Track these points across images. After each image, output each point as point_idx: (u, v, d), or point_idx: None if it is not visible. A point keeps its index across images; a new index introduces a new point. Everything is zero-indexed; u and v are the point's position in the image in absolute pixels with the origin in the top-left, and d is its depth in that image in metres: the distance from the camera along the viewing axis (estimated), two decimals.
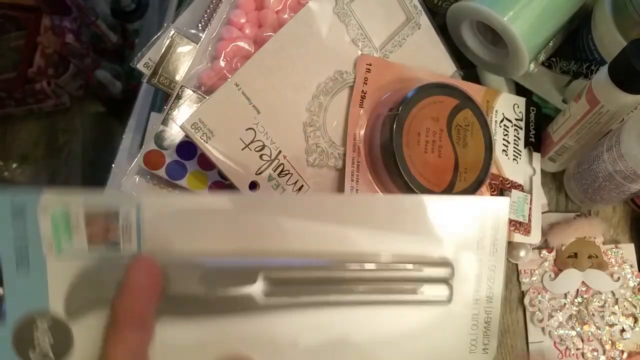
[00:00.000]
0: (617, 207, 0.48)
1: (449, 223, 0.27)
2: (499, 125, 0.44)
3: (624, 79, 0.36)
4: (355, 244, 0.27)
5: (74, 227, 0.24)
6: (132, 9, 0.51)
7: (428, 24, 0.44)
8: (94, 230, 0.24)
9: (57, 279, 0.24)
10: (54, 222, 0.24)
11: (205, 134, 0.34)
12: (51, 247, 0.24)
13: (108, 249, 0.24)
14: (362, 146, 0.40)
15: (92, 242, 0.24)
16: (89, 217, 0.24)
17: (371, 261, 0.27)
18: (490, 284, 0.28)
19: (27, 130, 0.50)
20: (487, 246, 0.28)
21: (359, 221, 0.27)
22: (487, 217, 0.27)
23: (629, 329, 0.44)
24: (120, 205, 0.24)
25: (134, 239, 0.25)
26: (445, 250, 0.27)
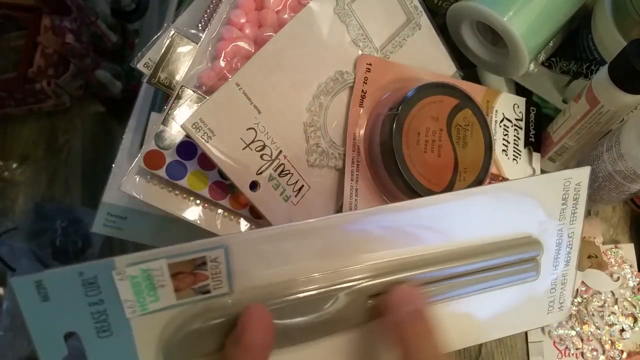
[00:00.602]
0: (616, 207, 0.48)
1: (535, 201, 0.28)
2: (499, 125, 0.44)
3: (624, 79, 0.36)
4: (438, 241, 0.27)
5: (159, 285, 0.23)
6: (132, 9, 0.51)
7: (429, 25, 0.44)
8: (181, 282, 0.23)
9: (145, 337, 0.23)
10: (135, 285, 0.22)
11: (206, 134, 0.34)
12: (134, 309, 0.23)
13: (198, 296, 0.23)
14: (362, 146, 0.40)
15: (180, 293, 0.23)
16: (174, 271, 0.23)
17: (459, 256, 0.27)
18: (568, 249, 0.30)
19: (27, 130, 0.50)
20: (567, 216, 0.29)
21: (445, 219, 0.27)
22: (569, 189, 0.28)
23: (629, 329, 0.44)
24: (207, 251, 0.23)
25: (224, 282, 0.24)
26: (532, 227, 0.28)
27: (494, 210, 0.27)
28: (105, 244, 0.47)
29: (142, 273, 0.22)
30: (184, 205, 0.38)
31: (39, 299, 0.21)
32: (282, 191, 0.37)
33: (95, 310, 0.22)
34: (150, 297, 0.22)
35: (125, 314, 0.22)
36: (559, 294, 0.30)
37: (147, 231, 0.43)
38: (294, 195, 0.38)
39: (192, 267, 0.23)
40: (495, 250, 0.28)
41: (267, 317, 0.23)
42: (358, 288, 0.25)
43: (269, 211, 0.36)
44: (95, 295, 0.22)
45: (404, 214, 0.26)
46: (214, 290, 0.24)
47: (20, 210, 0.49)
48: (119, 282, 0.22)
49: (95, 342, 0.22)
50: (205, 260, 0.23)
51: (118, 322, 0.22)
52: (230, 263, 0.23)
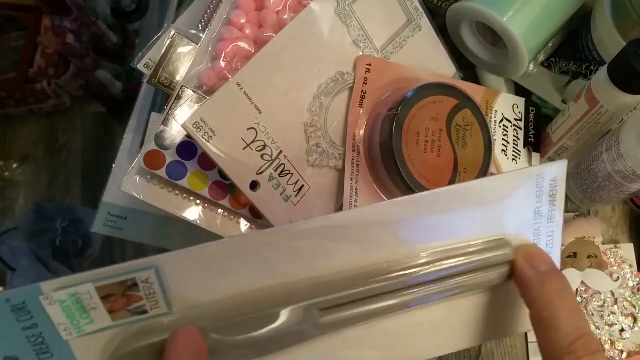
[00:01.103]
0: (616, 207, 0.48)
1: (504, 200, 0.26)
2: (499, 125, 0.45)
3: (624, 79, 0.36)
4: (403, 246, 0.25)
5: (91, 308, 0.22)
6: (132, 9, 0.51)
7: (429, 26, 0.44)
8: (114, 304, 0.22)
9: (87, 357, 0.23)
10: (66, 309, 0.22)
11: (206, 133, 0.34)
12: (70, 331, 0.22)
13: (135, 317, 0.23)
14: (361, 146, 0.40)
15: (115, 315, 0.22)
16: (103, 294, 0.22)
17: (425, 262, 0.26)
18: (549, 249, 0.28)
19: (27, 131, 0.50)
20: (544, 214, 0.27)
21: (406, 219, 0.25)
22: (543, 185, 0.27)
23: (628, 329, 0.44)
24: (136, 273, 0.22)
25: (161, 302, 0.23)
26: (504, 228, 0.27)
27: (464, 213, 0.26)
28: (105, 244, 0.47)
29: (71, 297, 0.22)
30: (184, 205, 0.38)
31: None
32: (282, 191, 0.37)
33: (30, 334, 0.22)
34: (84, 320, 0.22)
35: (62, 336, 0.22)
36: None
37: (147, 231, 0.43)
38: (294, 196, 0.38)
39: (123, 289, 0.22)
40: (463, 254, 0.26)
41: (196, 341, 0.22)
42: (308, 304, 0.24)
43: (269, 211, 0.37)
44: (27, 320, 0.22)
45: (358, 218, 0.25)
46: (151, 311, 0.23)
47: (20, 210, 0.49)
48: (48, 307, 0.21)
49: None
50: (136, 282, 0.22)
51: (56, 344, 0.22)
52: (164, 283, 0.23)
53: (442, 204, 0.26)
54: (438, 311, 0.27)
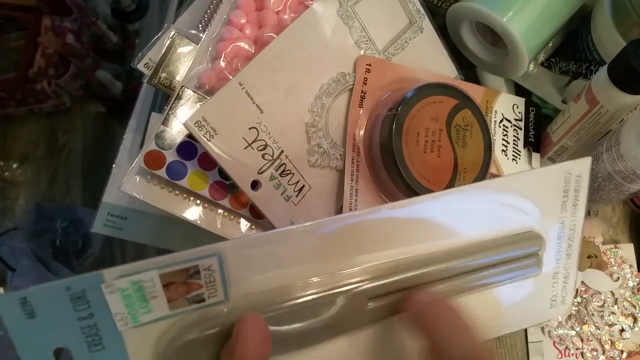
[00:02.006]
0: (616, 207, 0.48)
1: (536, 195, 0.28)
2: (499, 125, 0.45)
3: (624, 80, 0.36)
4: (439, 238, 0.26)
5: (151, 297, 0.22)
6: (132, 9, 0.51)
7: (431, 28, 0.44)
8: (174, 292, 0.22)
9: (138, 350, 0.22)
10: (126, 297, 0.21)
11: (208, 132, 0.34)
12: (126, 321, 0.22)
13: (192, 305, 0.23)
14: (361, 146, 0.40)
15: (173, 304, 0.22)
16: (166, 281, 0.22)
17: (461, 254, 0.27)
18: (570, 242, 0.29)
19: (27, 131, 0.50)
20: (569, 208, 0.28)
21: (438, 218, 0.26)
22: (570, 180, 0.28)
23: (628, 329, 0.44)
24: (200, 260, 0.22)
25: (219, 289, 0.23)
26: (534, 222, 0.28)
27: (494, 206, 0.27)
28: (105, 244, 0.47)
29: (133, 285, 0.21)
30: (184, 205, 0.38)
31: (25, 316, 0.20)
32: (283, 191, 0.37)
33: (85, 325, 0.21)
34: (142, 309, 0.22)
35: (117, 327, 0.22)
36: (562, 288, 0.30)
37: (147, 231, 0.43)
38: (294, 195, 0.38)
39: (184, 277, 0.22)
40: (496, 247, 0.27)
41: (263, 327, 0.22)
42: (358, 291, 0.25)
43: (269, 211, 0.37)
44: (84, 310, 0.21)
45: (400, 212, 0.26)
46: (208, 299, 0.23)
47: (20, 210, 0.49)
48: (109, 296, 0.21)
49: (86, 356, 0.22)
50: (198, 269, 0.22)
51: (110, 335, 0.22)
52: (225, 270, 0.23)
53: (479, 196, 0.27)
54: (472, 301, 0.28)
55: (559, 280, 0.30)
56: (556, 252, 0.29)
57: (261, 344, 0.22)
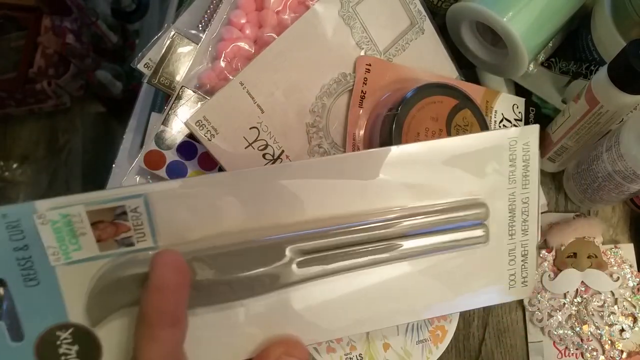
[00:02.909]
0: (616, 207, 0.48)
1: (476, 161, 0.26)
2: (499, 125, 0.45)
3: (624, 79, 0.36)
4: (380, 200, 0.26)
5: (80, 233, 0.22)
6: (132, 9, 0.51)
7: (432, 30, 0.44)
8: (103, 232, 0.22)
9: (71, 287, 0.23)
10: (57, 231, 0.22)
11: (209, 132, 0.34)
12: (59, 256, 0.22)
13: (121, 249, 0.23)
14: (361, 146, 0.40)
15: (102, 244, 0.23)
16: (93, 219, 0.22)
17: (399, 215, 0.26)
18: (524, 217, 0.28)
19: (27, 131, 0.50)
20: (518, 179, 0.27)
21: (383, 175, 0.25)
22: (517, 149, 0.27)
23: (628, 329, 0.44)
24: (126, 200, 0.22)
25: (148, 234, 0.23)
26: (477, 190, 0.27)
27: (434, 172, 0.26)
28: None
29: (62, 218, 0.22)
30: None
31: None
32: None
33: (20, 257, 0.22)
34: (73, 245, 0.22)
35: (50, 262, 0.22)
36: (520, 267, 0.28)
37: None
38: None
39: (112, 216, 0.22)
40: (437, 211, 0.26)
41: (178, 257, 0.22)
42: (295, 244, 0.24)
43: None
44: (19, 240, 0.22)
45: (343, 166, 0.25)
46: (137, 244, 0.23)
47: None
48: (41, 227, 0.22)
49: (22, 290, 0.22)
50: (124, 210, 0.22)
51: (44, 271, 0.22)
52: (153, 214, 0.23)
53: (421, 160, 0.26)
54: (408, 270, 0.27)
55: (516, 258, 0.28)
56: (509, 227, 0.28)
57: (176, 272, 0.22)
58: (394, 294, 0.27)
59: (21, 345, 0.22)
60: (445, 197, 0.26)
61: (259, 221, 0.24)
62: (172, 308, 0.22)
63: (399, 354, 0.40)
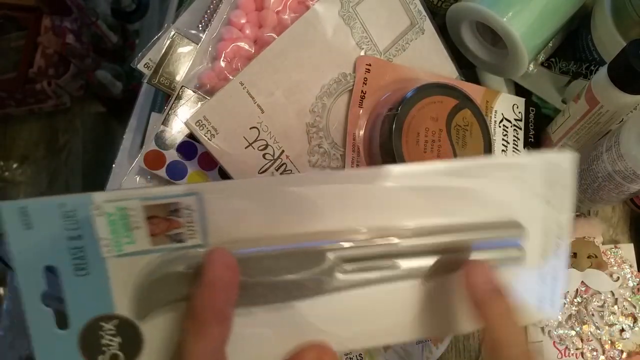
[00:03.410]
0: (616, 207, 0.48)
1: (516, 182, 0.27)
2: (499, 125, 0.45)
3: (624, 79, 0.36)
4: (420, 216, 0.26)
5: (134, 226, 0.23)
6: (132, 9, 0.51)
7: (432, 30, 0.44)
8: (156, 227, 0.23)
9: (120, 280, 0.23)
10: (111, 223, 0.22)
11: (209, 132, 0.34)
12: (111, 248, 0.23)
13: (172, 244, 0.23)
14: (361, 146, 0.40)
15: (155, 239, 0.23)
16: (149, 214, 0.23)
17: (439, 230, 0.26)
18: (557, 241, 0.28)
19: (27, 131, 0.50)
20: (555, 204, 0.27)
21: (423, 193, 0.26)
22: (555, 173, 0.27)
23: (628, 329, 0.44)
24: (181, 198, 0.23)
25: (198, 232, 0.23)
26: (514, 212, 0.27)
27: (474, 191, 0.26)
28: None
29: (118, 211, 0.22)
30: None
31: (23, 226, 0.22)
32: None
33: (73, 246, 0.22)
34: (126, 238, 0.23)
35: (102, 253, 0.22)
36: (550, 289, 0.29)
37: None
38: None
39: (166, 212, 0.23)
40: (475, 229, 0.27)
41: (229, 256, 0.23)
42: (347, 253, 0.25)
43: None
44: (74, 230, 0.22)
45: (393, 180, 0.25)
46: (188, 241, 0.23)
47: None
48: (96, 218, 0.22)
49: (72, 280, 0.23)
50: (178, 207, 0.23)
51: (94, 261, 0.23)
52: (205, 213, 0.23)
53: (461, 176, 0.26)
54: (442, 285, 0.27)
55: (547, 280, 0.29)
56: (542, 249, 0.28)
57: (227, 270, 0.22)
58: (426, 306, 0.27)
59: (66, 333, 0.23)
60: (484, 216, 0.27)
61: (307, 226, 0.25)
62: (222, 305, 0.22)
63: (399, 354, 0.40)
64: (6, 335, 0.44)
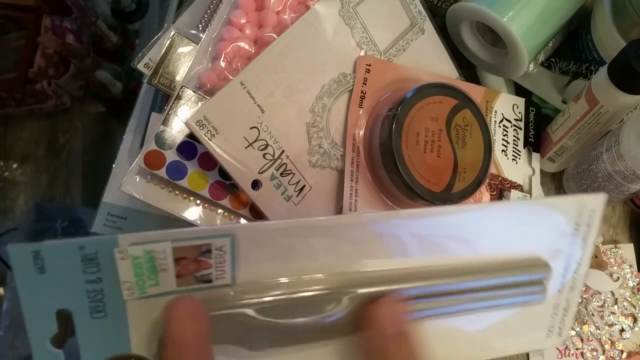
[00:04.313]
0: (616, 207, 0.48)
1: (547, 224, 0.27)
2: (498, 125, 0.45)
3: (624, 80, 0.36)
4: (449, 256, 0.26)
5: (161, 269, 0.21)
6: (132, 9, 0.51)
7: (432, 30, 0.44)
8: (184, 268, 0.22)
9: (139, 320, 0.22)
10: (136, 266, 0.21)
11: (209, 131, 0.34)
12: (133, 291, 0.21)
13: (199, 285, 0.22)
14: (361, 146, 0.40)
15: (181, 280, 0.22)
16: (177, 255, 0.21)
17: (466, 272, 0.26)
18: (575, 276, 0.29)
19: (27, 131, 0.50)
20: (579, 242, 0.28)
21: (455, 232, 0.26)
22: (583, 214, 0.27)
23: (628, 329, 0.44)
24: (214, 239, 0.22)
25: (227, 272, 0.23)
26: (542, 250, 0.28)
27: (505, 229, 0.27)
28: None
29: (145, 254, 0.21)
30: (184, 205, 0.38)
31: (35, 270, 0.20)
32: (283, 191, 0.37)
33: (91, 289, 0.21)
34: (151, 281, 0.22)
35: (123, 296, 0.21)
36: (560, 320, 0.30)
37: (147, 231, 0.43)
38: (295, 195, 0.38)
39: (196, 254, 0.22)
40: (503, 269, 0.27)
41: (195, 305, 0.21)
42: (364, 293, 0.25)
43: (270, 210, 0.37)
44: (93, 273, 0.21)
45: (417, 222, 0.25)
46: (215, 280, 0.23)
47: (20, 210, 0.49)
48: (120, 262, 0.21)
49: (87, 321, 0.22)
50: (210, 248, 0.22)
51: (114, 304, 0.21)
52: (235, 253, 0.23)
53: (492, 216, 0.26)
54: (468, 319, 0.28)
55: (559, 312, 0.29)
56: (560, 284, 0.29)
57: (194, 322, 0.21)
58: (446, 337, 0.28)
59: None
60: (512, 253, 0.27)
61: (333, 268, 0.25)
62: (194, 358, 0.21)
63: None
64: (6, 335, 0.44)
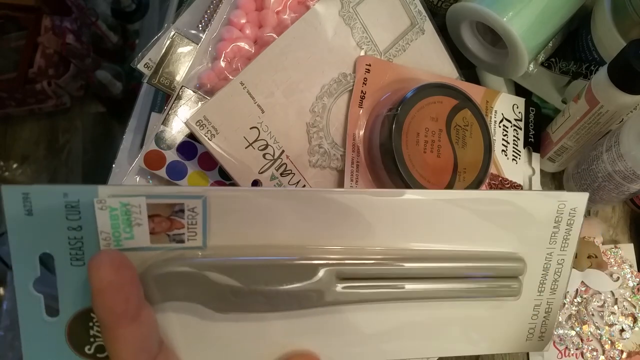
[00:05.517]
0: (616, 207, 0.48)
1: (522, 217, 0.27)
2: (498, 125, 0.45)
3: (624, 80, 0.36)
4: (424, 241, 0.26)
5: (136, 223, 0.23)
6: (132, 9, 0.51)
7: (432, 30, 0.44)
8: (157, 225, 0.23)
9: None
10: (113, 217, 0.22)
11: (209, 131, 0.34)
12: (109, 242, 0.22)
13: (171, 244, 0.23)
14: (361, 146, 0.40)
15: (154, 237, 0.23)
16: (151, 212, 0.23)
17: (441, 256, 0.26)
18: (556, 276, 0.28)
19: (27, 131, 0.50)
20: (559, 241, 0.28)
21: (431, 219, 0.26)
22: (563, 212, 0.27)
23: (628, 329, 0.44)
24: (186, 199, 0.23)
25: (199, 234, 0.24)
26: (518, 245, 0.27)
27: (480, 221, 0.27)
28: None
29: (122, 207, 0.22)
30: None
31: (24, 211, 0.22)
32: None
33: (72, 236, 0.22)
34: (126, 234, 0.23)
35: (100, 246, 0.22)
36: (541, 322, 0.29)
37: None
38: None
39: (169, 212, 0.23)
40: (477, 259, 0.27)
41: (117, 256, 0.22)
42: (337, 268, 0.25)
43: None
44: (75, 220, 0.22)
45: (395, 201, 0.25)
46: (187, 242, 0.23)
47: None
48: (99, 212, 0.22)
49: (67, 268, 0.23)
50: (182, 208, 0.23)
51: (92, 253, 0.22)
52: (207, 216, 0.23)
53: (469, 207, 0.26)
54: (435, 310, 0.27)
55: (539, 313, 0.29)
56: (540, 284, 0.28)
57: (116, 270, 0.21)
58: (419, 330, 0.27)
59: (55, 320, 0.23)
60: (485, 246, 0.27)
61: (308, 239, 0.25)
62: (123, 306, 0.21)
63: None
64: (6, 335, 0.44)
